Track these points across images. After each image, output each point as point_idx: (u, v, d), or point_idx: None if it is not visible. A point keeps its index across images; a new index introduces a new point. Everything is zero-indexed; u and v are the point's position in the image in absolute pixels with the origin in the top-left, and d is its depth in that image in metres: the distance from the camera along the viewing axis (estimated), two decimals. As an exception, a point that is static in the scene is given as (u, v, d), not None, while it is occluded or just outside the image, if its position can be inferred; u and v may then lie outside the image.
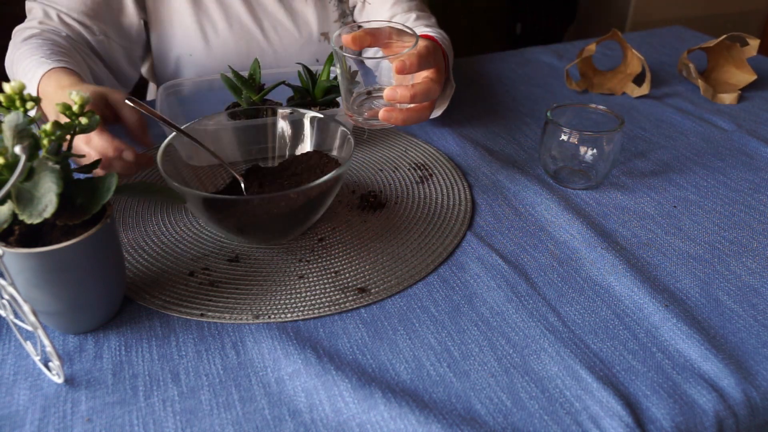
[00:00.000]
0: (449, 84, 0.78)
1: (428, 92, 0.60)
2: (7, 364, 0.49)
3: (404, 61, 0.57)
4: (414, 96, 0.59)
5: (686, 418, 0.44)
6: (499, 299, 0.55)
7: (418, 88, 0.59)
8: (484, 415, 0.44)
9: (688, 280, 0.57)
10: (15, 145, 0.41)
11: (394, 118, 0.60)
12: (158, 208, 0.68)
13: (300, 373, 0.47)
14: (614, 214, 0.67)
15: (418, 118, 0.62)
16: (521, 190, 0.70)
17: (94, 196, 0.46)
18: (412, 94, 0.59)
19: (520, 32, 2.64)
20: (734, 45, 0.97)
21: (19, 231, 0.47)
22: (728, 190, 0.71)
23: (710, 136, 0.83)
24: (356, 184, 0.72)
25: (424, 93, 0.59)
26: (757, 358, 0.49)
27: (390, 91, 0.59)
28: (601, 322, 0.52)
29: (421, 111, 0.62)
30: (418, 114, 0.61)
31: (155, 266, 0.59)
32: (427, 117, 0.63)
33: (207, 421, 0.44)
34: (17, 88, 0.44)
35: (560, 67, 1.07)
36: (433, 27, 0.88)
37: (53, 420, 0.44)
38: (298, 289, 0.56)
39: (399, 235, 0.63)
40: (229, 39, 0.91)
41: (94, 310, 0.50)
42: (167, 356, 0.49)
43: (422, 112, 0.62)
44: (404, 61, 0.57)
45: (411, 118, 0.61)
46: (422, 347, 0.50)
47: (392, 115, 0.60)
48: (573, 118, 0.72)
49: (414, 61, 0.57)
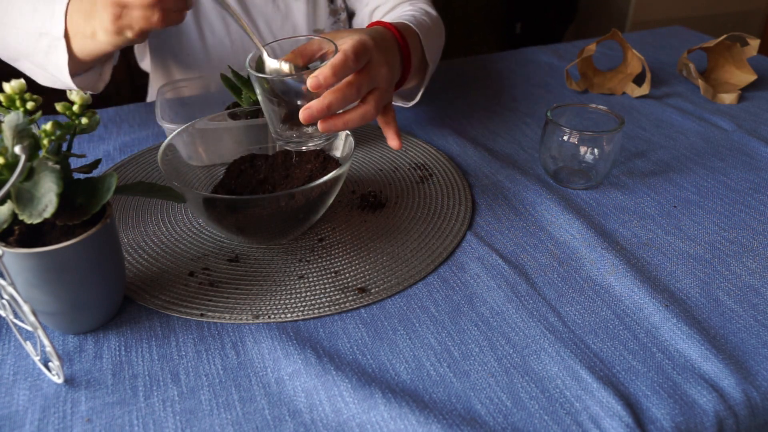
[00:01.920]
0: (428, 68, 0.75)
1: (345, 98, 0.54)
2: (6, 364, 0.49)
3: (317, 77, 0.52)
4: (329, 106, 0.54)
5: (686, 418, 0.44)
6: (499, 299, 0.55)
7: (330, 97, 0.54)
8: (484, 415, 0.44)
9: (689, 280, 0.57)
10: (15, 145, 0.41)
11: (333, 125, 0.56)
12: (158, 208, 0.68)
13: (300, 374, 0.47)
14: (614, 214, 0.67)
15: (362, 118, 0.57)
16: (521, 190, 0.70)
17: (94, 196, 0.46)
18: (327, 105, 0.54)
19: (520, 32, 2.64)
20: (734, 45, 0.97)
21: (19, 231, 0.47)
22: (728, 190, 0.71)
23: (710, 136, 0.83)
24: (356, 184, 0.72)
25: (339, 101, 0.54)
26: (757, 358, 0.49)
27: (304, 111, 0.54)
28: (601, 322, 0.52)
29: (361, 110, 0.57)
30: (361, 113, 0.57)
31: (155, 266, 0.59)
32: (372, 115, 0.58)
33: (207, 421, 0.44)
34: (17, 88, 0.44)
35: (560, 67, 1.07)
36: (417, 6, 0.84)
37: (53, 420, 0.44)
38: (298, 289, 0.56)
39: (399, 235, 0.63)
40: (226, 40, 0.91)
41: (93, 310, 0.50)
42: (167, 356, 0.49)
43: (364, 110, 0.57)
44: (317, 77, 0.52)
45: (353, 119, 0.57)
46: (422, 347, 0.50)
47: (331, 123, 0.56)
48: (573, 118, 0.72)
49: (328, 73, 0.52)
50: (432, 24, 0.79)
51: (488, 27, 2.67)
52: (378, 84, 0.59)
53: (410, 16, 0.75)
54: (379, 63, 0.59)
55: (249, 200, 0.57)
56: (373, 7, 0.92)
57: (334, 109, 0.55)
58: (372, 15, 0.92)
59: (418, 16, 0.76)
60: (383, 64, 0.59)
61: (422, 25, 0.74)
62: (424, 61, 0.74)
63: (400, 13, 0.81)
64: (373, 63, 0.58)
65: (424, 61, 0.74)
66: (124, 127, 0.86)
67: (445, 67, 1.07)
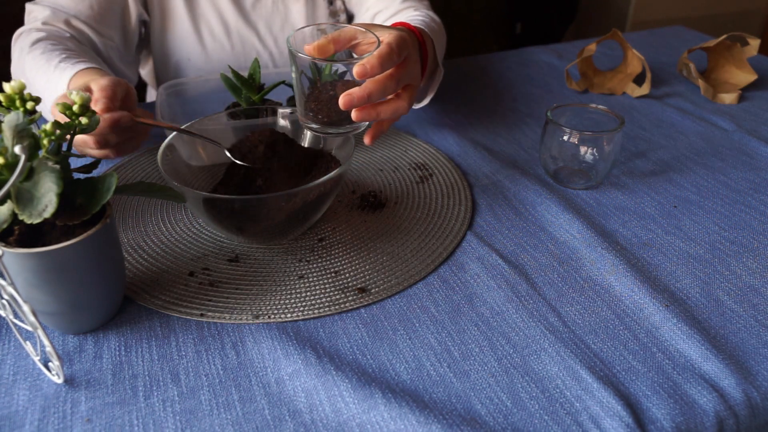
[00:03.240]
0: (438, 71, 0.76)
1: (385, 90, 0.56)
2: (6, 364, 0.49)
3: (364, 65, 0.54)
4: (370, 95, 0.56)
5: (687, 418, 0.44)
6: (499, 299, 0.55)
7: (371, 87, 0.56)
8: (484, 415, 0.44)
9: (689, 280, 0.57)
10: (15, 145, 0.41)
11: (367, 114, 0.57)
12: (158, 208, 0.68)
13: (300, 374, 0.47)
14: (614, 214, 0.67)
15: (395, 111, 0.59)
16: (521, 190, 0.70)
17: (94, 196, 0.46)
18: (368, 93, 0.56)
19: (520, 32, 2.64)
20: (734, 45, 0.97)
21: (19, 231, 0.47)
22: (728, 190, 0.71)
23: (710, 136, 0.83)
24: (356, 184, 0.72)
25: (380, 91, 0.56)
26: (757, 358, 0.49)
27: (344, 97, 0.55)
28: (601, 322, 0.52)
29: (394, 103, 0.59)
30: (393, 107, 0.59)
31: (155, 266, 0.59)
32: (405, 109, 0.60)
33: (207, 421, 0.44)
34: (17, 88, 0.44)
35: (560, 67, 1.07)
36: (422, 11, 0.86)
37: (53, 420, 0.44)
38: (298, 289, 0.56)
39: (399, 235, 0.63)
40: (225, 43, 0.92)
41: (93, 310, 0.50)
42: (167, 356, 0.49)
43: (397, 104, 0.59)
44: (364, 65, 0.54)
45: (385, 111, 0.58)
46: (422, 347, 0.50)
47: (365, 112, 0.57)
48: (573, 118, 0.72)
49: (375, 63, 0.54)
50: (438, 29, 0.80)
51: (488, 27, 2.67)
52: (412, 80, 0.60)
53: (421, 20, 0.77)
54: (414, 60, 0.61)
55: (249, 200, 0.57)
56: (374, 12, 0.92)
57: (373, 99, 0.56)
58: (373, 20, 0.92)
59: (427, 21, 0.78)
60: (416, 61, 0.61)
61: (432, 29, 0.76)
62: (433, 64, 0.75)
63: (409, 17, 0.81)
64: (409, 59, 0.59)
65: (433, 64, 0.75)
66: (124, 127, 0.86)
67: (445, 66, 1.07)
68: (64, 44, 0.76)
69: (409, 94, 0.60)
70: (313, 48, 0.56)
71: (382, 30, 0.59)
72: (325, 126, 0.59)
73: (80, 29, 0.81)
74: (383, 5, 0.91)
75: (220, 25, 0.91)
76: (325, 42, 0.58)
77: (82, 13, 0.81)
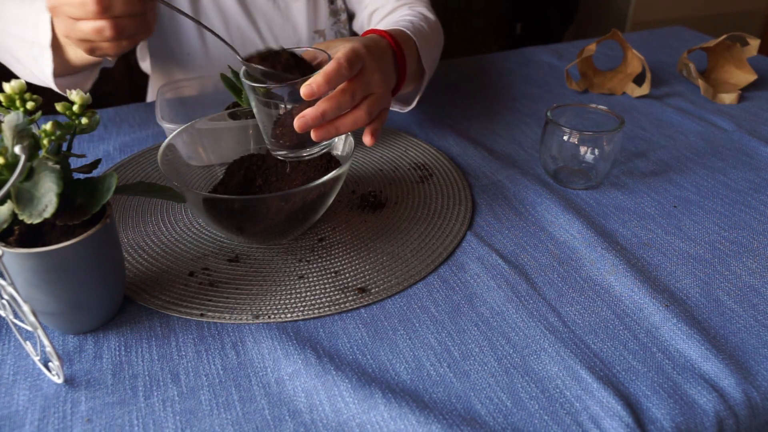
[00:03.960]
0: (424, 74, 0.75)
1: (339, 106, 0.55)
2: (6, 364, 0.49)
3: (310, 86, 0.52)
4: (324, 114, 0.54)
5: (686, 418, 0.44)
6: (499, 299, 0.55)
7: (324, 105, 0.54)
8: (484, 415, 0.44)
9: (689, 280, 0.57)
10: (15, 145, 0.41)
11: (326, 132, 0.56)
12: (158, 208, 0.68)
13: (300, 374, 0.47)
14: (614, 214, 0.67)
15: (354, 123, 0.57)
16: (521, 190, 0.70)
17: (94, 196, 0.46)
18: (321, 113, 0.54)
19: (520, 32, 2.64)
20: (734, 45, 0.97)
21: (19, 231, 0.47)
22: (728, 190, 0.71)
23: (710, 136, 0.83)
24: (356, 184, 0.72)
25: (334, 108, 0.55)
26: (757, 358, 0.49)
27: (299, 120, 0.54)
28: (601, 322, 0.52)
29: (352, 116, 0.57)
30: (352, 119, 0.57)
31: (155, 266, 0.59)
32: (364, 120, 0.58)
33: (207, 421, 0.44)
34: (17, 88, 0.44)
35: (560, 67, 1.07)
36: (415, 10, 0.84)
37: (53, 420, 0.44)
38: (298, 289, 0.56)
39: (399, 235, 0.63)
40: (226, 39, 0.91)
41: (93, 310, 0.50)
42: (167, 356, 0.49)
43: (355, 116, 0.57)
44: (310, 85, 0.52)
45: (345, 125, 0.57)
46: (422, 347, 0.50)
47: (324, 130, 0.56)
48: (573, 118, 0.72)
49: (321, 81, 0.52)
50: (429, 29, 0.79)
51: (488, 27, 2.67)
52: (372, 90, 0.59)
53: (407, 21, 0.76)
54: (373, 69, 0.59)
55: (249, 200, 0.57)
56: (371, 10, 0.92)
57: (328, 117, 0.55)
58: (371, 17, 0.92)
59: (415, 22, 0.76)
60: (376, 70, 0.59)
61: (419, 31, 0.74)
62: (422, 67, 0.74)
63: (398, 18, 0.80)
64: (366, 69, 0.58)
65: (422, 67, 0.74)
66: (124, 127, 0.86)
67: (445, 67, 1.07)
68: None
69: (368, 103, 0.58)
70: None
71: (341, 44, 0.58)
72: (295, 149, 0.59)
73: None
74: (379, 3, 0.90)
75: (220, 21, 0.91)
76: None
77: None
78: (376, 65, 0.60)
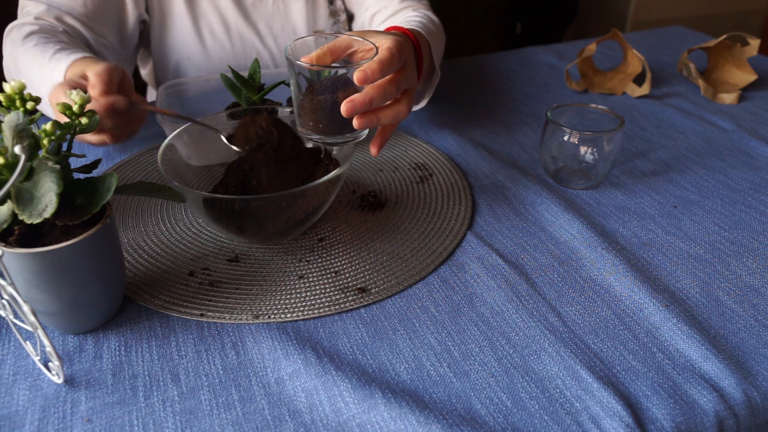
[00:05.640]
0: (435, 73, 0.76)
1: (385, 94, 0.57)
2: (6, 364, 0.49)
3: (365, 71, 0.54)
4: (372, 100, 0.56)
5: (687, 418, 0.44)
6: (499, 299, 0.55)
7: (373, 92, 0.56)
8: (484, 415, 0.44)
9: (689, 280, 0.57)
10: (15, 145, 0.41)
11: (368, 120, 0.57)
12: (158, 208, 0.68)
13: (300, 373, 0.47)
14: (614, 214, 0.67)
15: (395, 116, 0.59)
16: (521, 190, 0.70)
17: (94, 196, 0.46)
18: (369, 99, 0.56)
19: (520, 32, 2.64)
20: (735, 45, 0.97)
21: (19, 231, 0.47)
22: (728, 190, 0.71)
23: (710, 136, 0.83)
24: (356, 184, 0.72)
25: (381, 96, 0.56)
26: (757, 358, 0.49)
27: (347, 104, 0.55)
28: (601, 322, 0.52)
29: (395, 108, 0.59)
30: (394, 112, 0.59)
31: (155, 266, 0.59)
32: (405, 114, 0.60)
33: (207, 421, 0.44)
34: (17, 88, 0.44)
35: (560, 67, 1.07)
36: (420, 12, 0.86)
37: (53, 420, 0.44)
38: (298, 289, 0.56)
39: (399, 235, 0.63)
40: (226, 42, 0.92)
41: (94, 310, 0.50)
42: (167, 356, 0.49)
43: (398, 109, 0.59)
44: (365, 70, 0.54)
45: (386, 116, 0.59)
46: (422, 347, 0.50)
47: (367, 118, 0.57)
48: (573, 118, 0.72)
49: (376, 68, 0.55)
50: (436, 30, 0.80)
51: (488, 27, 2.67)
52: (410, 85, 0.61)
53: (418, 22, 0.77)
54: (412, 65, 0.61)
55: (249, 200, 0.57)
56: (373, 12, 0.92)
57: (375, 104, 0.56)
58: (372, 19, 0.92)
59: (425, 23, 0.78)
60: (413, 65, 0.62)
61: (430, 31, 0.76)
62: (432, 66, 0.75)
63: (406, 18, 0.81)
64: (408, 64, 0.60)
65: (432, 66, 0.75)
66: (124, 127, 0.86)
67: (445, 66, 1.07)
68: (57, 37, 0.76)
69: (408, 98, 0.60)
70: (310, 59, 0.56)
71: (377, 36, 0.59)
72: (326, 135, 0.59)
73: (72, 25, 0.81)
74: (382, 5, 0.91)
75: (220, 25, 0.91)
76: (322, 52, 0.58)
77: (75, 10, 0.81)
78: (413, 61, 0.62)
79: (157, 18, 0.90)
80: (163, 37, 0.91)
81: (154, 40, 0.92)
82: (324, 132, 0.59)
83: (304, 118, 0.59)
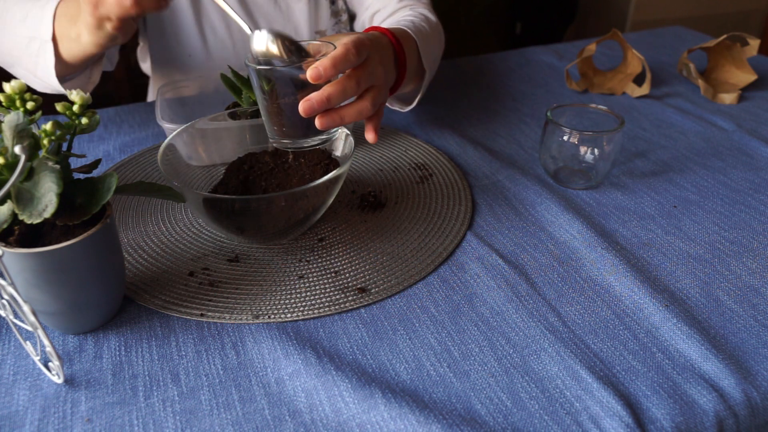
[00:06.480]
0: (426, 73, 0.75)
1: (344, 92, 0.55)
2: (6, 364, 0.49)
3: (317, 68, 0.53)
4: (329, 98, 0.54)
5: (686, 418, 0.44)
6: (499, 299, 0.55)
7: (330, 89, 0.54)
8: (484, 415, 0.44)
9: (689, 280, 0.57)
10: (15, 145, 0.41)
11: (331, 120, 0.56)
12: (158, 208, 0.68)
13: (300, 374, 0.47)
14: (614, 214, 0.67)
15: (359, 113, 0.58)
16: (521, 190, 0.70)
17: (94, 196, 0.46)
18: (327, 97, 0.54)
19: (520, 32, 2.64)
20: (734, 45, 0.97)
21: (19, 231, 0.47)
22: (728, 190, 0.71)
23: (710, 136, 0.83)
24: (356, 184, 0.72)
25: (339, 93, 0.55)
26: (757, 358, 0.49)
27: (304, 103, 0.54)
28: (601, 322, 0.52)
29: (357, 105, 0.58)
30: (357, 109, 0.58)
31: (155, 266, 0.59)
32: (369, 110, 0.58)
33: (207, 421, 0.44)
34: (17, 88, 0.44)
35: (560, 67, 1.07)
36: (416, 11, 0.85)
37: (53, 420, 0.44)
38: (298, 289, 0.56)
39: (399, 235, 0.63)
40: (227, 40, 0.92)
41: (94, 310, 0.50)
42: (167, 356, 0.49)
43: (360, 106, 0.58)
44: (317, 67, 0.53)
45: (349, 114, 0.57)
46: (422, 347, 0.50)
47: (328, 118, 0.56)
48: (573, 118, 0.72)
49: (327, 64, 0.53)
50: (431, 30, 0.79)
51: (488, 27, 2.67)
52: (375, 82, 0.59)
53: (409, 21, 0.76)
54: (376, 61, 0.60)
55: (249, 200, 0.57)
56: (373, 11, 0.92)
57: (333, 103, 0.55)
58: (372, 19, 0.92)
59: (417, 22, 0.77)
60: (379, 63, 0.60)
61: (420, 31, 0.75)
62: (422, 67, 0.74)
63: (399, 18, 0.81)
64: (371, 60, 0.59)
65: (422, 67, 0.74)
66: (124, 127, 0.86)
67: (445, 66, 1.07)
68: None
69: (372, 94, 0.59)
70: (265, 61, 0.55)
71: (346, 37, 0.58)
72: (295, 139, 0.58)
73: None
74: (381, 4, 0.90)
75: (222, 23, 0.91)
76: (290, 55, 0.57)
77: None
78: (379, 59, 0.60)
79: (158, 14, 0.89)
80: (163, 32, 0.91)
81: (154, 36, 0.91)
82: (292, 136, 0.58)
83: (272, 125, 0.58)
